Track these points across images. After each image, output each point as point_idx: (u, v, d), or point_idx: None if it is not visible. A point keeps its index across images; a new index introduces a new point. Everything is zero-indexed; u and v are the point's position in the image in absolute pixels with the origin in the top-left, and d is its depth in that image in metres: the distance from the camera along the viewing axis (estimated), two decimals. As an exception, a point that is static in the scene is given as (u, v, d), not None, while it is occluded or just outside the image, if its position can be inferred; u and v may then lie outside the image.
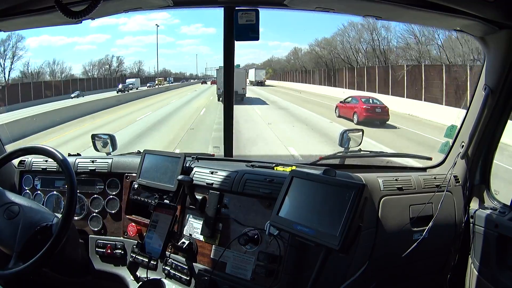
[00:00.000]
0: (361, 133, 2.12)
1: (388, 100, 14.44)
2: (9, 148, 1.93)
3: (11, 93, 21.76)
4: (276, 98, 22.84)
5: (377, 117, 12.93)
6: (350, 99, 14.31)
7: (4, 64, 24.55)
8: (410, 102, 15.55)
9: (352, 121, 13.22)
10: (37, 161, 1.99)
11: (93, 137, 2.17)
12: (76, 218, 1.87)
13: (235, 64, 2.00)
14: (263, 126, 12.79)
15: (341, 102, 14.67)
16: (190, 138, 11.18)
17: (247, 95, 20.63)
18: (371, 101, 13.73)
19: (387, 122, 12.94)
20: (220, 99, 18.63)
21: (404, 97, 16.55)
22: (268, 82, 34.10)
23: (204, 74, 44.71)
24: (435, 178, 1.74)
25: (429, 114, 13.49)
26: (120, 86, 28.44)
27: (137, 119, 15.42)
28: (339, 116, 14.20)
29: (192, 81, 44.78)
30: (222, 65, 1.94)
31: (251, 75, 32.55)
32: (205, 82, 40.16)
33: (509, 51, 1.48)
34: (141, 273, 1.72)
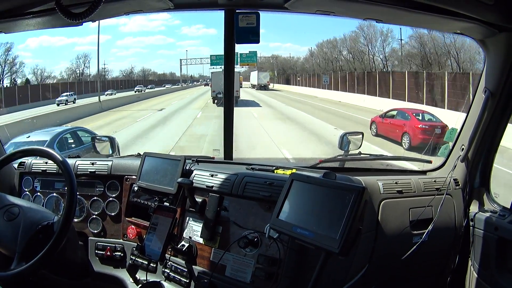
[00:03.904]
0: (361, 136, 2.13)
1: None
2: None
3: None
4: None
5: (437, 142, 8.14)
6: (395, 112, 10.77)
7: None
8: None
9: (400, 144, 9.48)
10: (37, 162, 1.99)
11: (93, 139, 2.17)
12: (75, 220, 1.87)
13: (246, 52, 1.96)
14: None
15: (380, 116, 11.14)
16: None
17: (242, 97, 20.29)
18: (424, 117, 10.00)
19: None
20: (215, 101, 18.80)
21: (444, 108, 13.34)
22: (274, 86, 30.68)
23: (194, 76, 37.29)
24: (435, 181, 1.73)
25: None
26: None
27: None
28: (377, 135, 10.57)
29: (168, 86, 34.56)
30: (207, 56, 1.86)
31: (253, 78, 30.29)
32: (207, 85, 36.42)
33: (508, 54, 1.49)
34: (140, 275, 1.71)
